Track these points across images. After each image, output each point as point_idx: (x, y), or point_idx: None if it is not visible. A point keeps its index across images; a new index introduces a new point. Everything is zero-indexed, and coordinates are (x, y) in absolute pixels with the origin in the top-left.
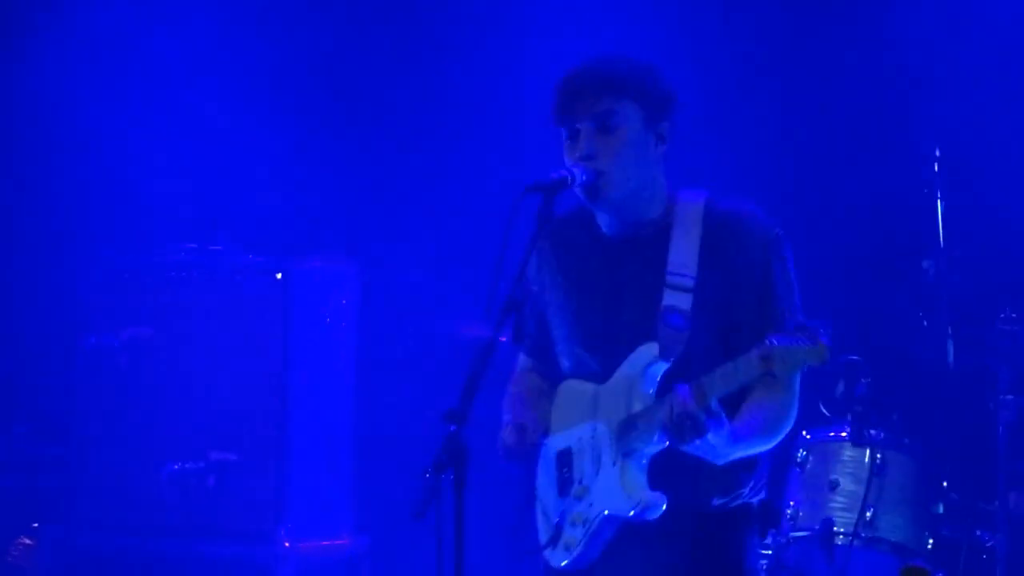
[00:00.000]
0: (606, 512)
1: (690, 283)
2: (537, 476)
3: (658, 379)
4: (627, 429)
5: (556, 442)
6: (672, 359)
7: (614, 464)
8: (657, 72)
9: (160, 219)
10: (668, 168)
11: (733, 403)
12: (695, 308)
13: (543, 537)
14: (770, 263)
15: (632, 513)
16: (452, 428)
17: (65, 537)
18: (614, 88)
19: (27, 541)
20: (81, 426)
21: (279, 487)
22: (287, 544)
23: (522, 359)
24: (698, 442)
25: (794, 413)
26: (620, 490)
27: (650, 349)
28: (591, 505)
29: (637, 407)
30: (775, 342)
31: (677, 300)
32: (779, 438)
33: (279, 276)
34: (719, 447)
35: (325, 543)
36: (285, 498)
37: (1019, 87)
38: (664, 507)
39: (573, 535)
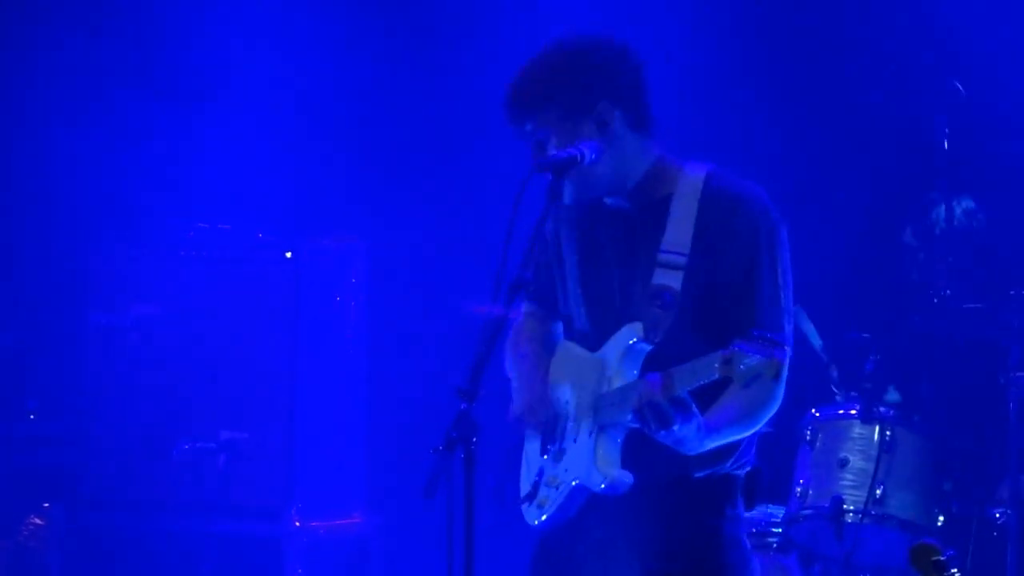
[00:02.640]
0: (574, 483)
1: (682, 261)
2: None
3: (641, 359)
4: (605, 404)
5: None
6: (656, 339)
7: (590, 436)
8: (571, 58)
9: (170, 198)
10: (668, 142)
11: (717, 388)
12: (685, 287)
13: (523, 490)
14: (759, 247)
15: (602, 487)
16: (463, 406)
17: (74, 516)
18: (523, 108)
19: (37, 521)
20: (91, 405)
21: (289, 466)
22: (297, 523)
23: (526, 304)
24: (663, 432)
25: (776, 400)
26: (592, 463)
27: (634, 328)
28: (566, 471)
29: (618, 383)
30: (737, 348)
31: (668, 278)
32: (757, 426)
33: (288, 255)
34: (687, 439)
35: (335, 522)
36: (295, 477)
37: None
38: (630, 484)
39: (547, 495)
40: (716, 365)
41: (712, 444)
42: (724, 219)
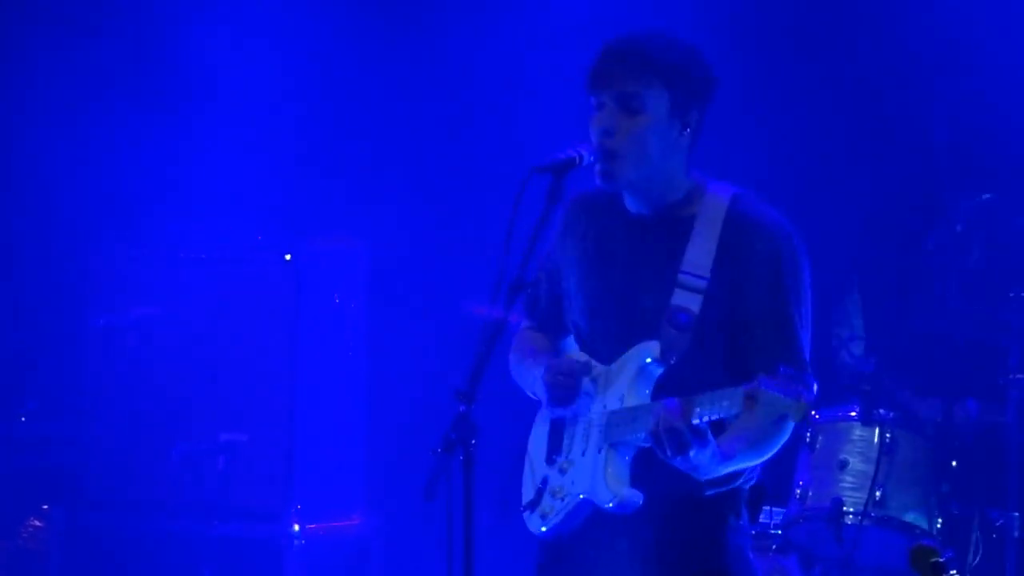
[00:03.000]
0: (581, 496)
1: (702, 285)
2: (531, 435)
3: (655, 378)
4: (617, 421)
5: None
6: (671, 361)
7: (600, 451)
8: (696, 58)
9: (169, 199)
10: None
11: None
12: (703, 311)
13: (526, 497)
14: (781, 274)
15: (610, 505)
16: (461, 408)
17: (74, 518)
18: (644, 72)
19: (37, 523)
20: (90, 407)
21: (289, 468)
22: (297, 525)
23: (526, 322)
24: (679, 458)
25: (789, 428)
26: (602, 479)
27: (650, 348)
28: (573, 483)
29: (631, 402)
30: (763, 385)
31: (687, 300)
32: (770, 454)
33: (288, 257)
34: (702, 466)
35: (335, 523)
36: (295, 479)
37: None
38: (639, 503)
39: (552, 505)
40: (740, 400)
41: (726, 470)
42: (746, 245)
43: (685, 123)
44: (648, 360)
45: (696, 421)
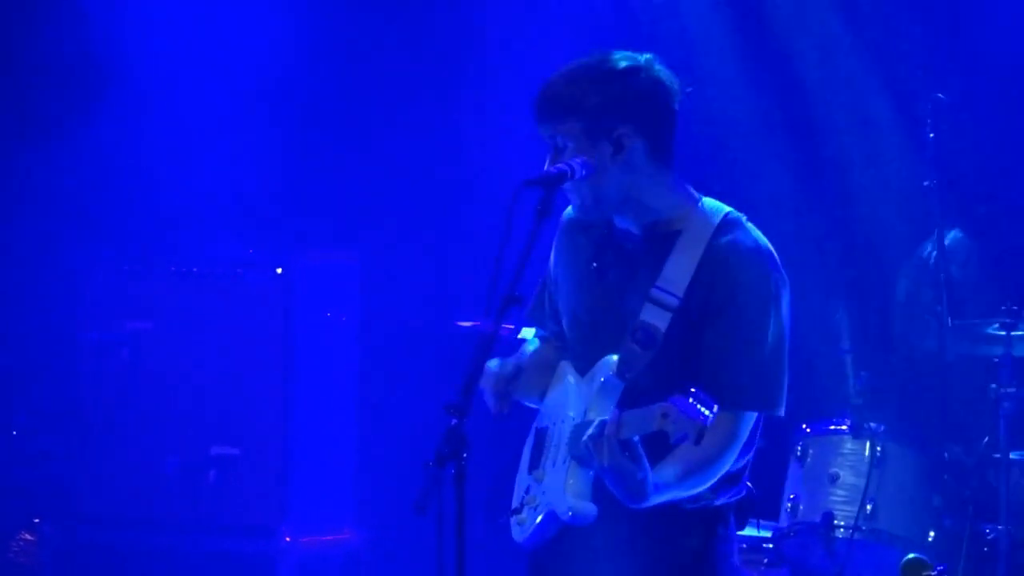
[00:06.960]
0: (542, 514)
1: (674, 303)
2: (525, 443)
3: (616, 394)
4: (580, 434)
5: (541, 418)
6: (628, 376)
7: (564, 463)
8: (599, 80)
9: (161, 214)
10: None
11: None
12: (670, 329)
13: (513, 503)
14: (750, 307)
15: (569, 515)
16: (453, 422)
17: (66, 532)
18: (552, 112)
19: (28, 537)
20: (83, 421)
21: (280, 482)
22: (288, 539)
23: (537, 330)
24: (609, 472)
25: (732, 453)
26: (563, 491)
27: (609, 363)
28: (543, 493)
29: (592, 416)
30: (671, 403)
31: (655, 317)
32: (708, 483)
33: (279, 271)
34: (632, 489)
35: (327, 537)
36: (287, 493)
37: (1021, 77)
38: (593, 517)
39: (527, 515)
40: (656, 418)
41: (659, 499)
42: (724, 272)
43: (616, 141)
44: (608, 375)
45: (626, 437)
